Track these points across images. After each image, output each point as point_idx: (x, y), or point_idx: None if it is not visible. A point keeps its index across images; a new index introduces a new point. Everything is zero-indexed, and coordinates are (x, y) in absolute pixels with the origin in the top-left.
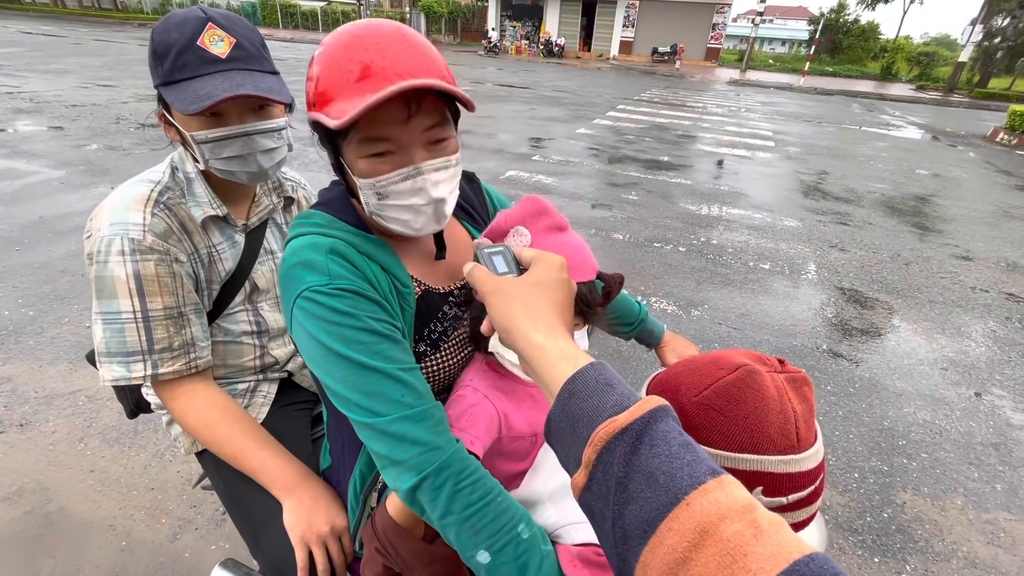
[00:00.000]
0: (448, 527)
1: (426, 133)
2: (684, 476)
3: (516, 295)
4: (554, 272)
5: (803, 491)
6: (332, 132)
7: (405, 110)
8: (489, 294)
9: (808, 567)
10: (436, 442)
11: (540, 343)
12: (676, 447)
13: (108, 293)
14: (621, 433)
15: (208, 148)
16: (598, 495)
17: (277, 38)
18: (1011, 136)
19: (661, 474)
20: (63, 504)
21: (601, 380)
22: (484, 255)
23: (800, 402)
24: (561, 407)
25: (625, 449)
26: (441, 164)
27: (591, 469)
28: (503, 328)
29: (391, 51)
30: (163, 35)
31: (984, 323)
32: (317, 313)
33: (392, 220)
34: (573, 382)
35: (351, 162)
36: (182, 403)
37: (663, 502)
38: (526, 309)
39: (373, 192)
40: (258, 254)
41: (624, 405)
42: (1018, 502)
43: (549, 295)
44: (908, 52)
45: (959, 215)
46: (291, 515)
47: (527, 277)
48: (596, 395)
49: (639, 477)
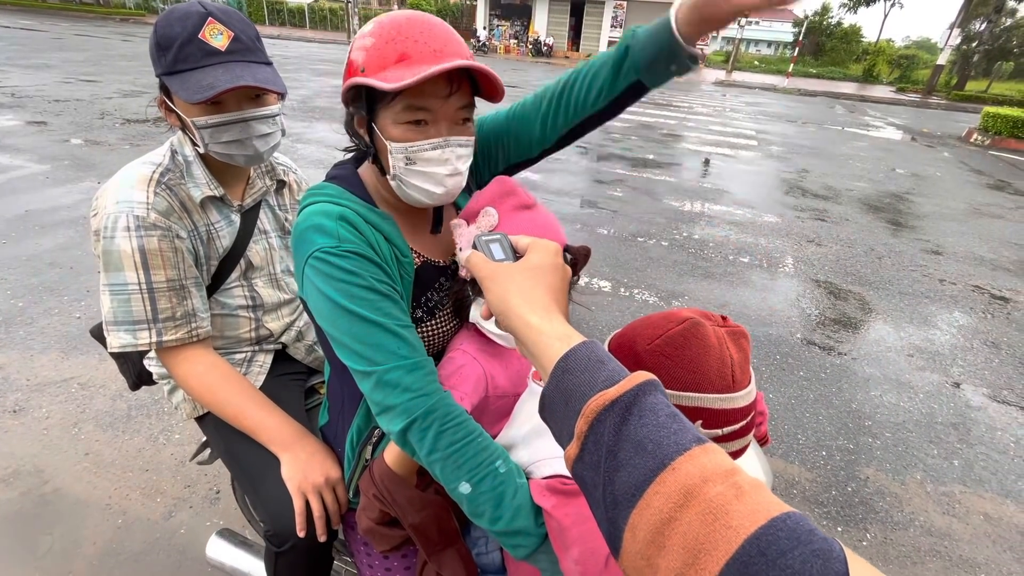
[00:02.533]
0: (434, 463)
1: (459, 111)
2: (671, 443)
3: (512, 279)
4: (548, 257)
5: (736, 424)
6: (372, 98)
7: (448, 87)
8: (486, 279)
9: (785, 522)
10: (425, 390)
11: (536, 324)
12: (664, 417)
13: (115, 266)
14: (611, 405)
15: (208, 133)
16: (589, 464)
17: (264, 35)
18: (984, 137)
19: (649, 442)
20: (59, 485)
21: (593, 357)
22: (482, 243)
23: (737, 351)
24: (555, 384)
25: (615, 419)
26: (465, 141)
27: (583, 440)
28: (499, 311)
29: (440, 36)
30: (166, 28)
31: (950, 313)
32: (327, 271)
33: (412, 187)
34: (566, 360)
35: (384, 127)
36: (185, 368)
37: (650, 467)
38: (521, 292)
39: (403, 156)
40: (252, 233)
41: (614, 379)
42: (973, 476)
43: (544, 279)
44: (889, 55)
45: (932, 212)
46: (288, 467)
47: (522, 262)
48: (588, 371)
49: (628, 445)
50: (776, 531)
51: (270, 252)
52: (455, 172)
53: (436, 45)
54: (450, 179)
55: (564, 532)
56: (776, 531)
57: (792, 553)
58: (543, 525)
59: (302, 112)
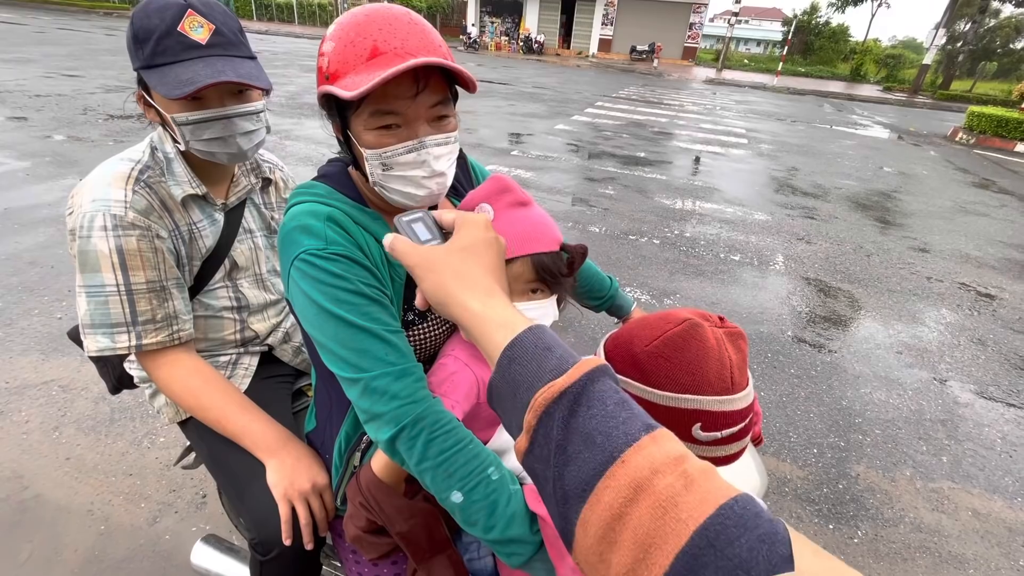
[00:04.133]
0: (424, 472)
1: (431, 109)
2: (620, 435)
3: (446, 264)
4: (480, 232)
5: (735, 427)
6: (341, 105)
7: (414, 86)
8: (416, 267)
9: (732, 509)
10: (414, 397)
11: (478, 311)
12: (612, 406)
13: (91, 267)
14: (559, 397)
15: (189, 130)
16: (539, 458)
17: (251, 30)
18: (969, 136)
19: (598, 434)
20: (39, 491)
21: (540, 345)
22: (403, 224)
23: (735, 352)
24: (501, 373)
25: (563, 412)
26: (443, 139)
27: (532, 434)
28: (437, 301)
29: (401, 31)
30: (143, 20)
31: (937, 310)
32: (313, 274)
33: (394, 191)
34: (512, 348)
35: (358, 134)
36: (166, 372)
37: (600, 461)
38: (458, 277)
39: (379, 163)
40: (237, 232)
41: (562, 368)
42: (961, 472)
43: (480, 259)
44: (876, 54)
45: (919, 210)
46: (274, 474)
47: (453, 243)
48: (535, 360)
49: (577, 439)
50: (724, 519)
51: (255, 252)
52: (434, 173)
53: (396, 43)
54: (430, 181)
55: (560, 539)
56: (724, 519)
57: (739, 541)
58: (538, 532)
59: (290, 108)
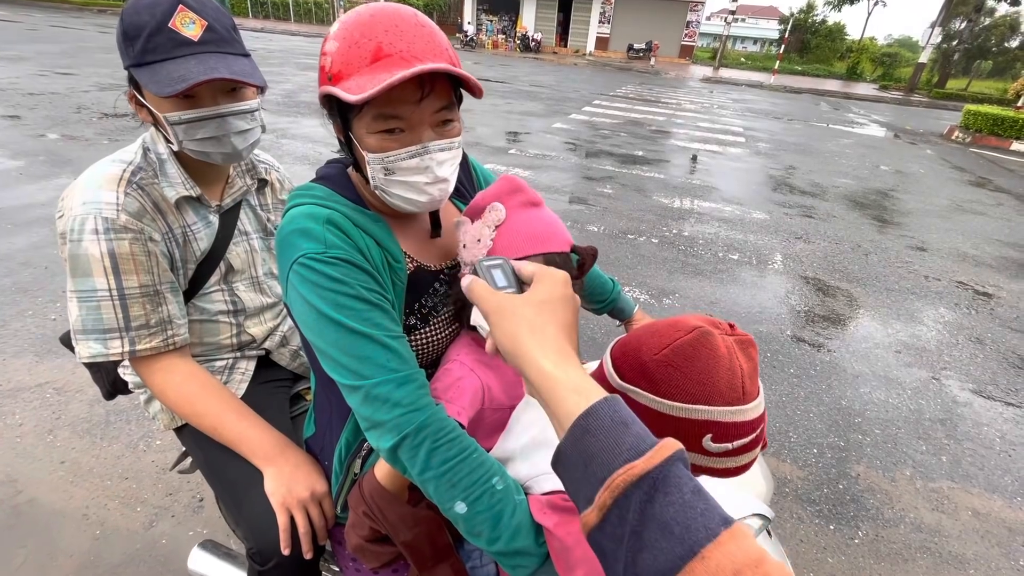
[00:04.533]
0: (427, 482)
1: (435, 115)
2: (699, 527)
3: (522, 316)
4: (559, 289)
5: (747, 438)
6: (343, 106)
7: (419, 91)
8: (492, 313)
9: None
10: (416, 404)
11: (550, 372)
12: (689, 495)
13: (83, 271)
14: (639, 480)
15: (182, 129)
16: (611, 537)
17: (247, 28)
18: (965, 134)
19: (676, 524)
20: (33, 495)
21: (616, 419)
22: (483, 268)
23: (746, 361)
24: (573, 443)
25: (641, 497)
26: (446, 145)
27: (605, 512)
28: (509, 352)
29: (408, 34)
30: (133, 16)
31: (935, 309)
32: (312, 279)
33: (395, 196)
34: (587, 418)
35: (360, 137)
36: (161, 378)
37: (678, 554)
38: (533, 332)
39: (381, 167)
40: (232, 235)
41: (640, 449)
42: (961, 472)
43: (556, 315)
44: (872, 53)
45: (916, 209)
46: (272, 481)
47: (532, 295)
48: (611, 435)
49: (653, 526)
50: None
51: (251, 254)
52: (437, 179)
53: (402, 45)
54: (432, 187)
55: (568, 552)
56: None
57: None
58: (544, 544)
59: (287, 107)
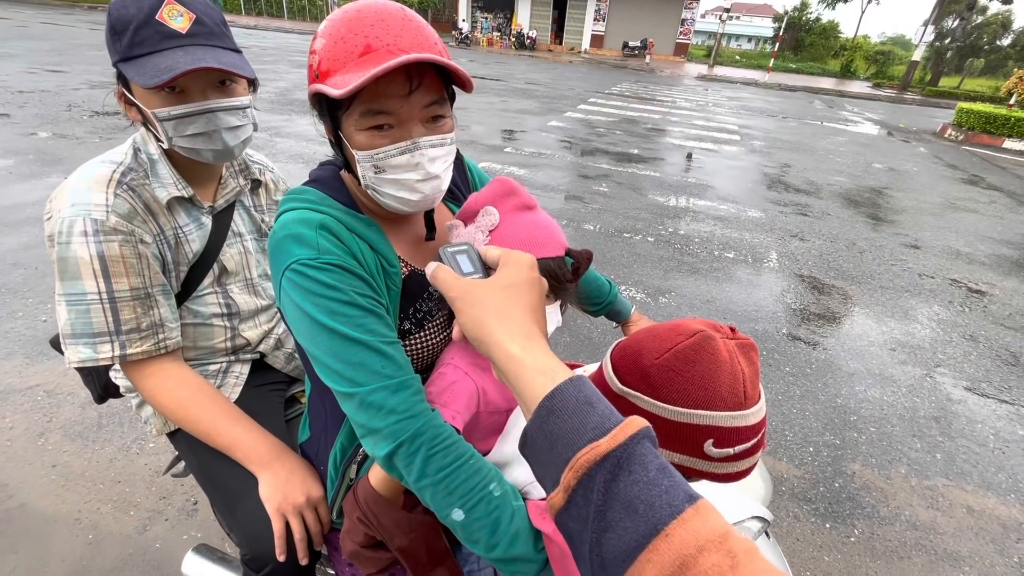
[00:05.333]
0: (424, 489)
1: (425, 109)
2: (663, 504)
3: (487, 301)
4: (524, 272)
5: (748, 443)
6: (332, 105)
7: (406, 85)
8: (457, 299)
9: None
10: (412, 411)
11: (516, 355)
12: (654, 472)
13: (72, 274)
14: (602, 460)
15: (171, 126)
16: (576, 518)
17: (239, 24)
18: (958, 132)
19: (640, 503)
20: (24, 500)
21: (581, 399)
22: (447, 255)
23: (748, 365)
24: (539, 425)
25: (605, 476)
26: (438, 141)
27: (570, 493)
28: (475, 338)
29: (394, 28)
30: (120, 10)
31: (929, 307)
32: (305, 285)
33: (387, 195)
34: (552, 399)
35: (350, 135)
36: (152, 383)
37: (642, 532)
38: (499, 316)
39: (371, 165)
40: (226, 236)
41: (605, 428)
42: (955, 469)
43: (522, 299)
44: (866, 51)
45: (910, 206)
46: (267, 487)
47: (497, 279)
48: (576, 415)
49: (618, 505)
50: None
51: (245, 256)
52: (428, 176)
53: (388, 39)
54: (424, 184)
55: (567, 558)
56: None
57: None
58: (543, 550)
59: (280, 105)
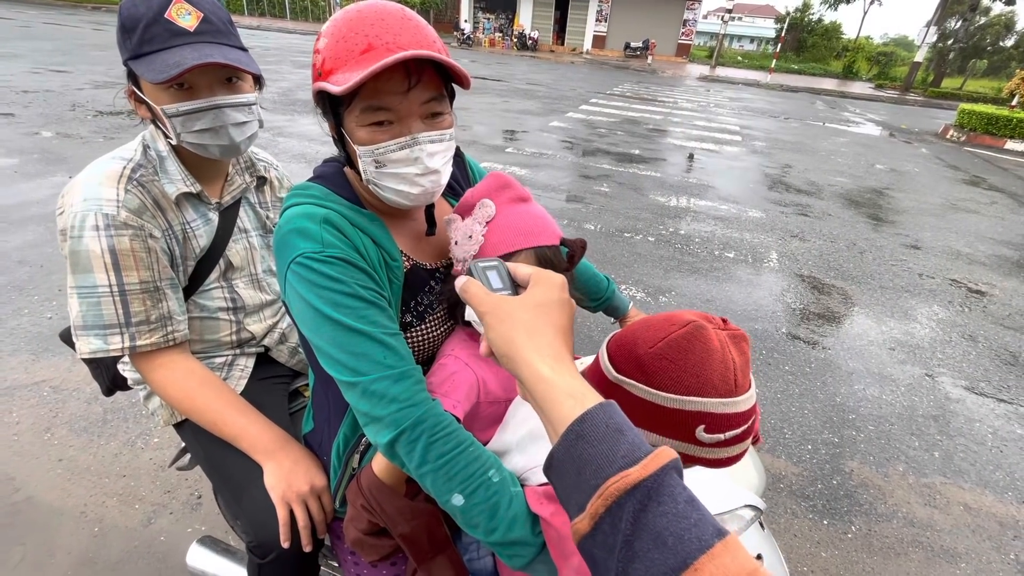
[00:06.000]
0: (425, 476)
1: (424, 106)
2: (692, 538)
3: (517, 319)
4: (555, 292)
5: (738, 429)
6: (335, 103)
7: (405, 81)
8: (487, 315)
9: None
10: (413, 400)
11: (546, 376)
12: (683, 505)
13: (83, 267)
14: (633, 489)
15: (179, 121)
16: (602, 546)
17: (243, 25)
18: (960, 133)
19: (669, 535)
20: (31, 493)
21: (611, 425)
22: (478, 269)
23: (739, 355)
24: (566, 449)
25: (635, 506)
26: (437, 136)
27: (597, 520)
28: (504, 354)
29: (394, 27)
30: (130, 9)
31: (929, 307)
32: (309, 278)
33: (387, 190)
34: (581, 424)
35: (351, 131)
36: (161, 374)
37: (671, 565)
38: (529, 335)
39: (372, 160)
40: (232, 232)
41: (635, 457)
42: (953, 467)
43: (552, 318)
44: (868, 52)
45: (911, 207)
46: (272, 476)
47: (528, 297)
48: (605, 441)
49: (646, 536)
50: None
51: (251, 252)
52: (427, 171)
53: (388, 37)
54: (423, 178)
55: (563, 541)
56: None
57: None
58: (540, 534)
59: (283, 105)
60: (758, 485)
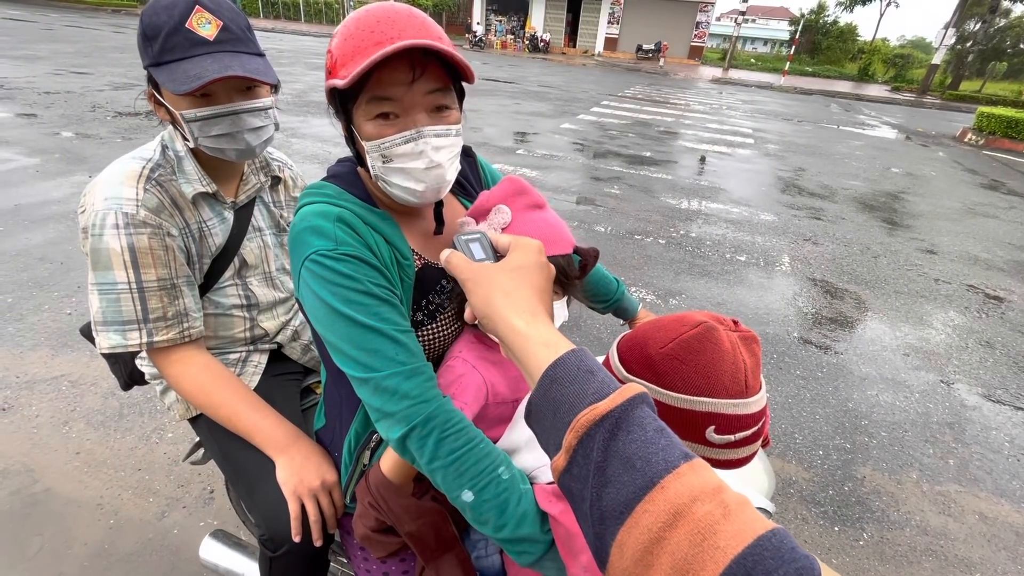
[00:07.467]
0: (435, 471)
1: (429, 97)
2: (659, 460)
3: (495, 281)
4: (532, 256)
5: (749, 430)
6: (344, 99)
7: (409, 72)
8: (468, 281)
9: (770, 541)
10: (425, 396)
11: (521, 329)
12: (651, 432)
13: (104, 265)
14: (601, 420)
15: (197, 126)
16: (577, 478)
17: (258, 28)
18: (978, 137)
19: (638, 459)
20: (49, 485)
21: (582, 367)
22: (461, 242)
23: (749, 356)
24: (542, 393)
25: (604, 435)
26: (443, 131)
27: (571, 453)
28: (483, 315)
29: (400, 22)
30: (152, 17)
31: (945, 312)
32: (323, 275)
33: (394, 185)
34: (554, 368)
35: (360, 126)
36: (177, 369)
37: (639, 485)
38: (506, 295)
39: (379, 155)
40: (247, 231)
41: (604, 392)
42: (968, 475)
43: (528, 280)
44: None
45: (927, 211)
46: (284, 471)
47: (506, 263)
48: (577, 382)
49: (616, 462)
50: (762, 550)
51: (264, 250)
52: (432, 165)
53: (393, 32)
54: (429, 173)
55: (573, 539)
56: (762, 550)
57: (776, 572)
58: (549, 532)
59: (297, 106)
60: (768, 488)
